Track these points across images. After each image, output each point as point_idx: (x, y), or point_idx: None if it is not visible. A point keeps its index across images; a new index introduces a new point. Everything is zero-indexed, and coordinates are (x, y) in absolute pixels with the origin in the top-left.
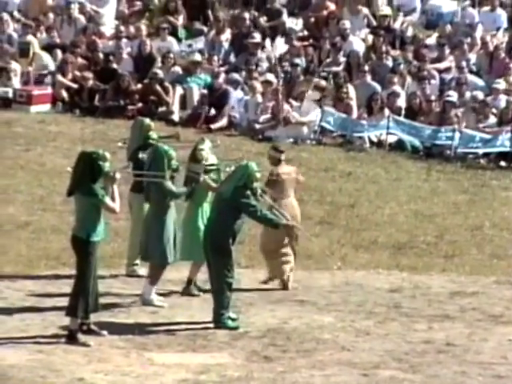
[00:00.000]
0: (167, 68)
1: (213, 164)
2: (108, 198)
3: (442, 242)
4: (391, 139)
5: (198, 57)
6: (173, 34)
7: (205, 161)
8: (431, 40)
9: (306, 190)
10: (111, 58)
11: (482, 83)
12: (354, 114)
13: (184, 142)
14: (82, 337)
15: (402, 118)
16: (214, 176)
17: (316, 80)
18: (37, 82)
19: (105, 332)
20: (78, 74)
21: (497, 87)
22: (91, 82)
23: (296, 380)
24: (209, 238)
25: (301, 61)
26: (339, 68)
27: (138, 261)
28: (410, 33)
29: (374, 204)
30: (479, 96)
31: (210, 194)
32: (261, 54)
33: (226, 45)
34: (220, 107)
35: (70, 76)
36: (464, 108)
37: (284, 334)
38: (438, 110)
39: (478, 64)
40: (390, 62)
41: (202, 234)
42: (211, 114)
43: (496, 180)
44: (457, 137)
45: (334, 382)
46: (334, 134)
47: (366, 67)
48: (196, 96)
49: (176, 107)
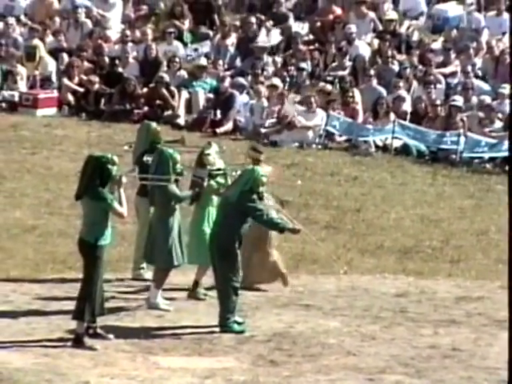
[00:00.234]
0: (173, 72)
1: (219, 168)
2: (116, 203)
3: (447, 246)
4: (397, 144)
5: (203, 61)
6: (179, 39)
7: (211, 165)
8: (437, 44)
9: (311, 194)
10: (117, 61)
11: (488, 88)
12: (360, 119)
13: (189, 146)
14: (88, 340)
15: (407, 123)
16: (220, 180)
17: (321, 84)
18: (42, 86)
19: (111, 336)
20: (84, 77)
21: (502, 92)
22: (97, 86)
23: None
24: (215, 242)
25: (307, 65)
26: (345, 72)
27: (144, 264)
28: (415, 37)
29: (379, 208)
30: (486, 101)
31: (216, 198)
32: (267, 58)
33: (231, 49)
34: (226, 111)
35: (76, 80)
36: (470, 112)
37: (290, 338)
38: (444, 114)
39: (484, 69)
40: (395, 67)
41: (207, 238)
42: (217, 118)
43: (502, 185)
44: (462, 141)
45: None
46: (339, 139)
47: (372, 71)
48: (201, 100)
49: (182, 111)
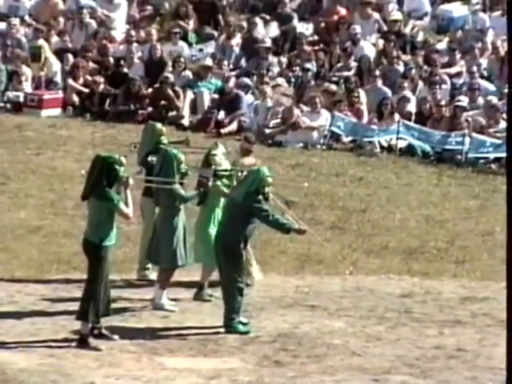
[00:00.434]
0: (178, 72)
1: (226, 169)
2: (122, 204)
3: (452, 247)
4: (402, 144)
5: (208, 61)
6: (184, 39)
7: (218, 166)
8: (442, 45)
9: (316, 195)
10: (122, 62)
11: (493, 88)
12: (365, 119)
13: (193, 147)
14: (93, 341)
15: (412, 123)
16: (226, 182)
17: (326, 84)
18: (47, 87)
19: (116, 336)
20: (88, 78)
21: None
22: (102, 87)
23: None
24: (220, 243)
25: (311, 66)
26: (350, 73)
27: (150, 265)
28: (420, 38)
29: (385, 209)
30: (492, 101)
31: (222, 199)
32: (272, 58)
33: (236, 49)
34: (231, 111)
35: (80, 80)
36: (475, 113)
37: (295, 338)
38: (449, 115)
39: (489, 69)
40: (400, 67)
41: (213, 239)
42: (221, 119)
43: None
44: (467, 142)
45: None
46: (344, 139)
47: (377, 72)
48: (206, 100)
49: (186, 112)
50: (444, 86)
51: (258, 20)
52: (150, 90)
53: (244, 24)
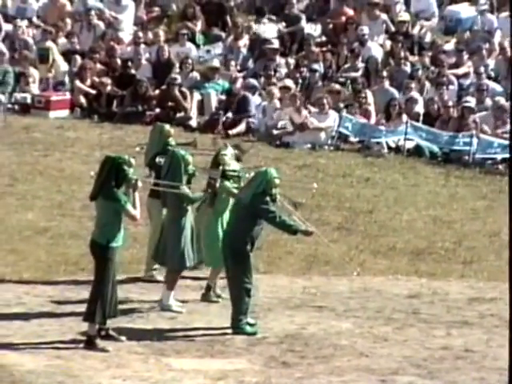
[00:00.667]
0: (185, 74)
1: (234, 170)
2: (130, 205)
3: (460, 248)
4: (409, 145)
5: (216, 62)
6: (191, 40)
7: (226, 166)
8: (449, 46)
9: (323, 195)
10: (130, 63)
11: (501, 89)
12: (372, 120)
13: (201, 148)
14: (100, 342)
15: (419, 124)
16: (234, 184)
17: (331, 84)
18: (55, 88)
19: (123, 337)
20: (96, 79)
21: None
22: (109, 88)
23: None
24: (227, 244)
25: (319, 66)
26: (357, 74)
27: (157, 265)
28: (428, 38)
29: (392, 210)
30: (501, 102)
31: (230, 201)
32: (279, 59)
33: (244, 50)
34: (238, 113)
35: (88, 82)
36: (484, 113)
37: (302, 339)
38: (456, 115)
39: (497, 70)
40: (408, 68)
41: (221, 241)
42: (229, 120)
43: None
44: (475, 142)
45: None
46: (351, 140)
47: (385, 73)
48: (214, 102)
49: (194, 113)
50: (451, 87)
51: (265, 21)
52: (157, 91)
53: (252, 25)
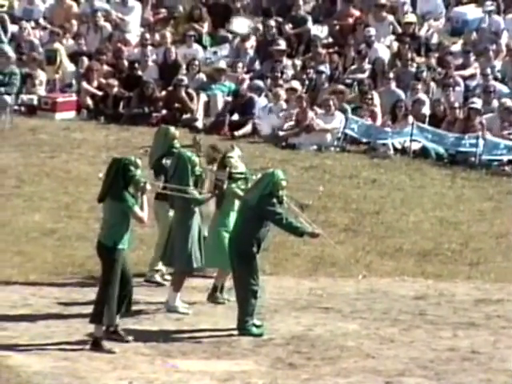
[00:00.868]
0: (192, 75)
1: (241, 172)
2: (137, 207)
3: (466, 249)
4: (415, 146)
5: (222, 64)
6: (198, 42)
7: (233, 168)
8: (456, 47)
9: (330, 197)
10: (136, 65)
11: (507, 90)
12: (379, 121)
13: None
14: (106, 344)
15: (426, 126)
16: (242, 185)
17: (335, 85)
18: (61, 90)
19: (131, 337)
20: (103, 81)
21: None
22: (116, 90)
23: None
24: (234, 245)
25: (325, 68)
26: (364, 75)
27: (160, 267)
28: (435, 40)
29: (398, 211)
30: (507, 103)
31: (237, 203)
32: (286, 61)
33: (251, 52)
34: (244, 114)
35: (95, 83)
36: (490, 115)
37: (308, 341)
38: (463, 117)
39: (503, 71)
40: (414, 69)
41: (227, 242)
42: (235, 121)
43: None
44: (481, 144)
45: None
46: (358, 141)
47: (391, 74)
48: (220, 103)
49: (200, 114)
50: (458, 88)
51: (272, 23)
52: (163, 92)
53: (259, 26)
